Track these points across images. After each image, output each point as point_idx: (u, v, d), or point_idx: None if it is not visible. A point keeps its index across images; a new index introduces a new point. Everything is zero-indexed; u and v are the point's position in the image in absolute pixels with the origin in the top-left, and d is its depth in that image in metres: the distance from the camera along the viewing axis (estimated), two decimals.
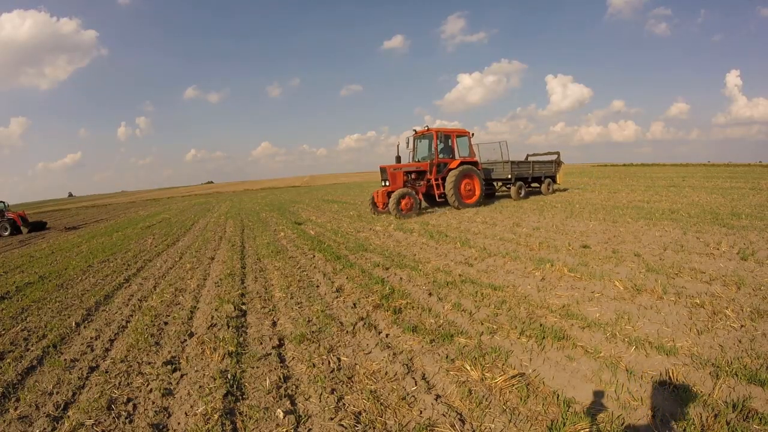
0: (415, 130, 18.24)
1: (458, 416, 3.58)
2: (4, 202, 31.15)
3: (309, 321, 6.12)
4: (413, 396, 3.95)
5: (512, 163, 20.45)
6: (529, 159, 23.57)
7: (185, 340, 5.96)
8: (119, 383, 4.86)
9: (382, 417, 3.69)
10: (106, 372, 5.21)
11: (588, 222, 12.12)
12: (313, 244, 12.29)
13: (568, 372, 4.13)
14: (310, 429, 3.64)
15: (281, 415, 3.80)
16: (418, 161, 18.42)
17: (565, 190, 25.69)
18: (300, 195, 37.57)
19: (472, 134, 18.67)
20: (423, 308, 6.17)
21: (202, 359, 5.23)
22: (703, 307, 5.38)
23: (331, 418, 3.69)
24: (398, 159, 17.84)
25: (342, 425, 3.58)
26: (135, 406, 4.36)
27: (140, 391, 4.65)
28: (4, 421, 4.45)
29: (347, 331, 5.62)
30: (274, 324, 6.25)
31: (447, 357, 4.59)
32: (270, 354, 5.13)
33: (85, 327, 7.11)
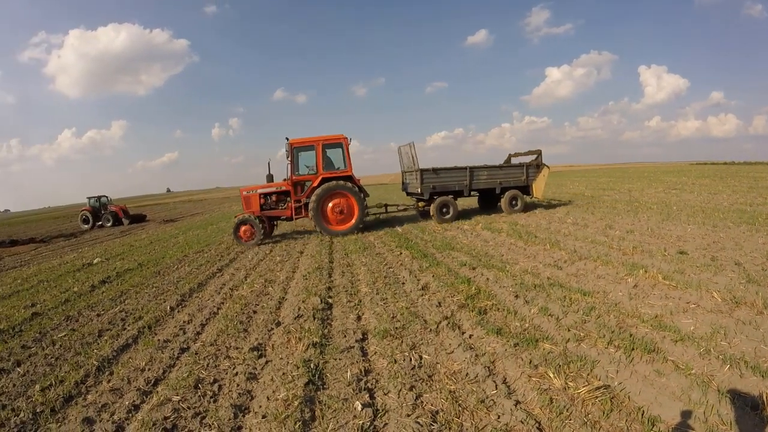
0: (287, 139, 14.57)
1: (536, 425, 3.44)
2: (107, 197, 34.09)
3: (393, 317, 6.14)
4: (492, 400, 3.85)
5: (422, 171, 15.73)
6: (512, 161, 18.31)
7: (272, 329, 6.19)
8: (207, 365, 5.13)
9: (459, 418, 3.63)
10: (196, 354, 5.51)
11: (686, 226, 11.29)
12: (400, 241, 12.38)
13: (656, 388, 3.86)
14: (386, 423, 3.64)
15: (359, 407, 3.83)
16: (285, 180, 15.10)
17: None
18: (388, 192, 37.75)
19: (350, 140, 14.75)
20: (508, 310, 6.01)
21: (287, 348, 5.40)
22: None
23: (408, 415, 3.67)
24: (270, 177, 14.93)
25: (418, 423, 3.55)
26: (220, 387, 4.57)
27: (226, 373, 4.88)
28: (97, 392, 4.81)
29: (430, 330, 5.59)
30: (359, 318, 6.33)
31: (530, 362, 4.43)
32: (353, 347, 5.20)
33: (178, 311, 7.58)
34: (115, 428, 4.02)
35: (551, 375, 4.11)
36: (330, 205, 14.37)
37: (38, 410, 4.51)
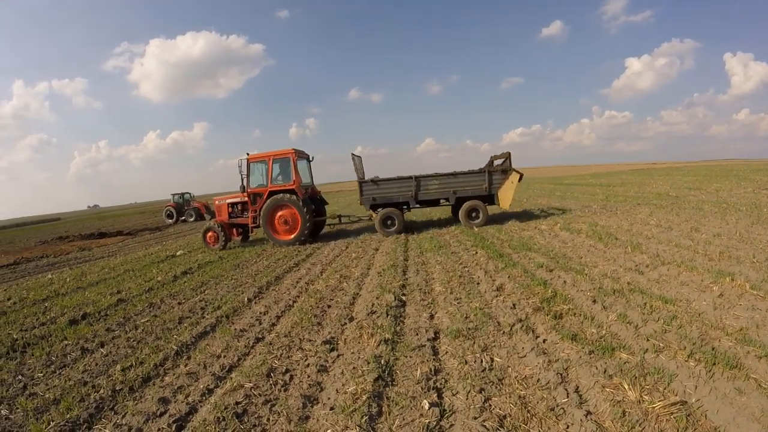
0: (247, 154, 15.44)
1: None
2: (190, 193, 36.13)
3: (466, 317, 6.08)
4: (562, 408, 3.74)
5: (361, 183, 15.24)
6: (494, 164, 15.90)
7: (345, 324, 6.32)
8: (280, 355, 5.33)
9: (526, 425, 3.56)
10: (270, 344, 5.74)
11: None
12: (476, 240, 12.21)
13: (735, 407, 3.59)
14: (452, 424, 3.63)
15: (426, 405, 3.84)
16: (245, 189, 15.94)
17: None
18: None
19: (296, 154, 15.09)
20: (585, 316, 5.78)
21: (358, 343, 5.50)
22: None
23: (475, 417, 3.64)
24: (243, 188, 15.45)
25: (485, 426, 3.51)
26: (292, 377, 4.74)
27: (298, 364, 5.05)
28: (174, 375, 5.14)
29: (503, 332, 5.49)
30: (432, 317, 6.33)
31: (605, 372, 4.26)
32: (424, 346, 5.21)
33: (255, 303, 7.92)
34: (188, 409, 4.27)
35: (626, 386, 3.94)
36: (277, 216, 15.06)
37: (117, 388, 4.88)
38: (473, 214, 15.16)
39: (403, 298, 7.28)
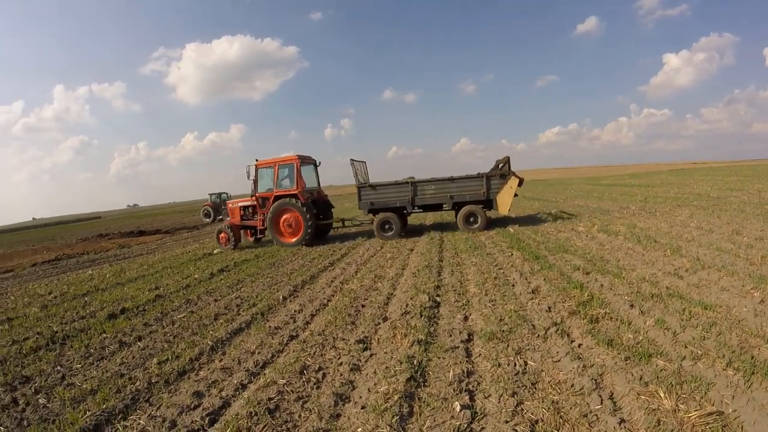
0: (256, 160, 16.12)
1: None
2: (227, 193, 36.95)
3: (501, 320, 6.03)
4: (596, 415, 3.69)
5: (360, 188, 15.49)
6: (499, 167, 15.30)
7: (379, 324, 6.37)
8: (314, 353, 5.41)
9: (558, 431, 3.52)
10: (304, 342, 5.83)
11: None
12: (511, 241, 12.07)
13: None
14: (483, 427, 3.62)
15: (458, 407, 3.84)
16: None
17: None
18: None
19: (300, 160, 15.48)
20: (622, 321, 5.65)
21: (392, 343, 5.52)
22: None
23: (507, 421, 3.63)
24: (253, 191, 16.23)
25: (516, 430, 3.49)
26: (324, 375, 4.82)
27: (331, 362, 5.12)
28: (209, 370, 5.29)
29: (538, 335, 5.42)
30: (466, 318, 6.30)
31: (640, 379, 4.16)
32: (458, 347, 5.19)
33: (290, 301, 8.06)
34: (221, 403, 4.38)
35: (662, 394, 3.84)
36: (282, 219, 15.66)
37: (153, 381, 5.05)
38: (471, 219, 15.08)
39: (438, 299, 7.26)
